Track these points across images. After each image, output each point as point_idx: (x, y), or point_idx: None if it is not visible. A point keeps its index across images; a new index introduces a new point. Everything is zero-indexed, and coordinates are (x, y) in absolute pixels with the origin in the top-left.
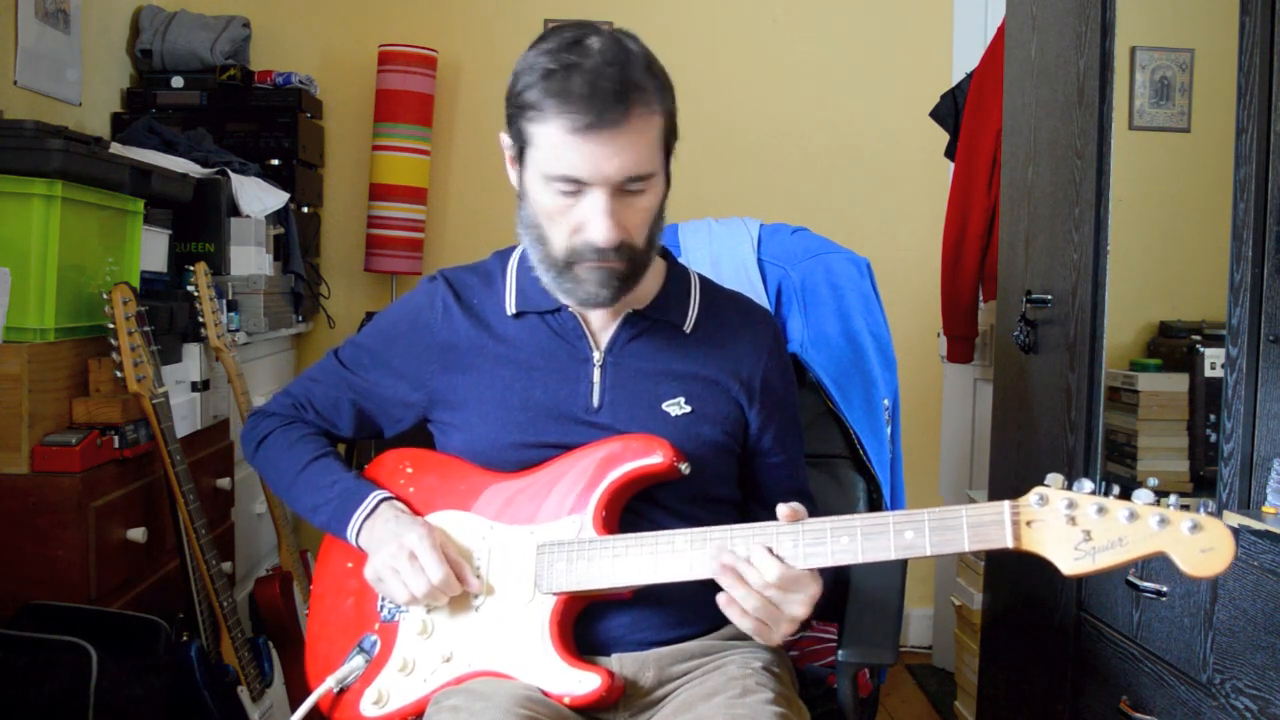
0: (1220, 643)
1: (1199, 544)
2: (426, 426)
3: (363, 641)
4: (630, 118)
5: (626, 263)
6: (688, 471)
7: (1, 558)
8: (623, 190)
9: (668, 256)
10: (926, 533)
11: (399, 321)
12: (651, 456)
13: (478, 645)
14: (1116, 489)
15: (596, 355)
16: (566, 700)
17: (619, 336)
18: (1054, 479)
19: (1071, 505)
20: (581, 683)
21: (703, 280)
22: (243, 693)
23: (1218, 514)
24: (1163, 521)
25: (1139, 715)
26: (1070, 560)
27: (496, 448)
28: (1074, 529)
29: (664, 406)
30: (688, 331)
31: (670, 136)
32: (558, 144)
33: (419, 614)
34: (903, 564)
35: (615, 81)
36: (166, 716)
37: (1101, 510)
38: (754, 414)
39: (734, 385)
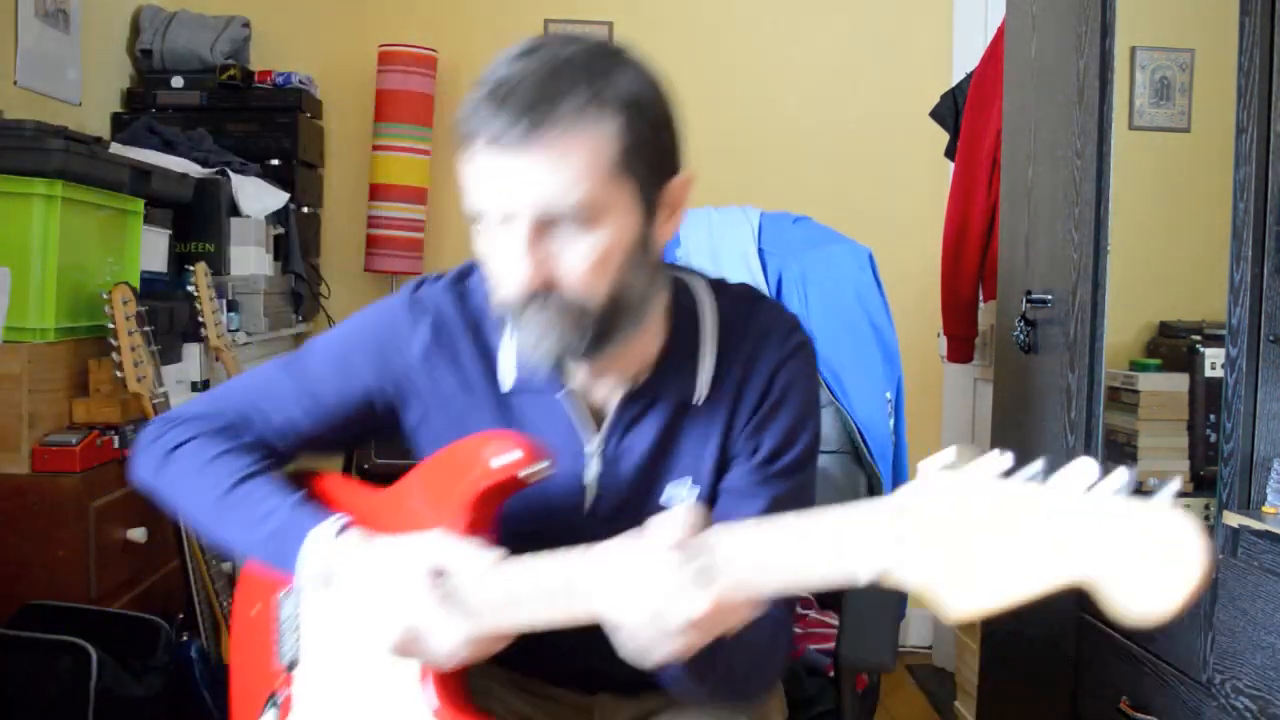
0: (1220, 643)
1: None
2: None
3: (275, 697)
4: (544, 133)
5: (570, 316)
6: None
7: (1, 557)
8: (550, 227)
9: (679, 299)
10: None
11: (365, 330)
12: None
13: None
14: None
15: (590, 447)
16: None
17: (617, 422)
18: None
19: None
20: None
21: (721, 314)
22: None
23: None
24: None
25: (1139, 715)
26: None
27: None
28: None
29: (664, 498)
30: (698, 404)
31: (639, 160)
32: (467, 171)
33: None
34: None
35: (531, 91)
36: (166, 716)
37: None
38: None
39: (758, 453)
